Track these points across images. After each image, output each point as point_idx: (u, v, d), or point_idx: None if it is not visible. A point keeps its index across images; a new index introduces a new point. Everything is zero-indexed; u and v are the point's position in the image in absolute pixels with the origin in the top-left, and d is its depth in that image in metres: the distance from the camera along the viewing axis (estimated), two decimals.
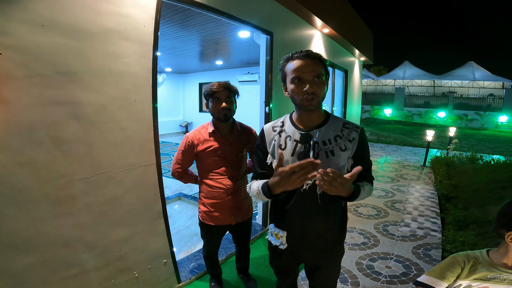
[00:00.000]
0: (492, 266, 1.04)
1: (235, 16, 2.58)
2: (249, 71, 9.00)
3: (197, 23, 4.00)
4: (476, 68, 22.26)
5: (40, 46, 1.35)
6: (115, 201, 1.69)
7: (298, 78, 1.15)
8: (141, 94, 1.78)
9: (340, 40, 5.38)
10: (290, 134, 1.24)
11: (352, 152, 1.20)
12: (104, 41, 1.57)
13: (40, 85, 1.37)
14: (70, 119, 1.48)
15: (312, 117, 1.23)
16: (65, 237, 1.48)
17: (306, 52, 1.17)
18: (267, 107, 3.17)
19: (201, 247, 2.83)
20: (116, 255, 1.71)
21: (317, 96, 1.15)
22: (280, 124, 1.30)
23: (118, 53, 1.64)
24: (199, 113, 11.28)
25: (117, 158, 1.69)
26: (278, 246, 1.31)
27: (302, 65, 1.15)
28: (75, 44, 1.46)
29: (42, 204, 1.40)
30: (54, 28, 1.39)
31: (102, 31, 1.56)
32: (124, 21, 1.65)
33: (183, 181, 1.99)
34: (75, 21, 1.45)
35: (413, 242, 3.17)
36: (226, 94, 1.79)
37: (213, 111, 1.82)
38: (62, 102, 1.45)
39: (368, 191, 1.23)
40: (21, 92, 1.32)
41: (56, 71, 1.41)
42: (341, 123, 1.25)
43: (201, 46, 5.91)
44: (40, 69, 1.36)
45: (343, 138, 1.20)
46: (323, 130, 1.21)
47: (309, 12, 3.62)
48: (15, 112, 1.30)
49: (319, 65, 1.16)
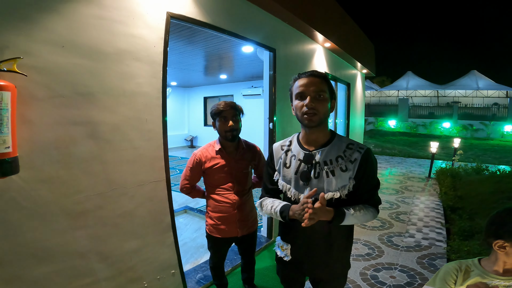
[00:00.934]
0: (484, 274, 1.10)
1: (239, 34, 2.71)
2: (253, 84, 9.16)
3: (202, 39, 4.16)
4: (479, 77, 22.26)
5: (60, 66, 1.46)
6: (128, 214, 1.77)
7: (300, 94, 1.21)
8: (152, 113, 1.89)
9: (342, 54, 5.51)
10: (295, 153, 1.30)
11: (354, 172, 1.21)
12: (118, 61, 1.69)
13: (60, 105, 1.48)
14: (88, 138, 1.59)
15: (316, 136, 1.27)
16: (81, 248, 1.56)
17: (311, 71, 1.23)
18: (271, 123, 3.26)
19: (208, 259, 2.88)
20: (127, 265, 1.78)
21: (318, 112, 1.19)
22: (288, 143, 1.37)
23: (131, 74, 1.75)
24: (204, 127, 11.43)
25: (130, 175, 1.78)
26: (283, 257, 1.37)
27: (305, 82, 1.20)
28: (92, 65, 1.58)
29: (61, 217, 1.49)
30: (73, 49, 1.50)
31: (115, 51, 1.68)
32: (136, 42, 1.77)
33: (191, 196, 2.08)
34: (91, 42, 1.57)
35: (417, 252, 3.18)
36: (232, 113, 1.89)
37: (220, 130, 1.91)
38: (80, 122, 1.56)
39: (364, 215, 1.21)
40: (44, 112, 1.43)
41: (75, 92, 1.53)
42: (345, 143, 1.26)
43: (206, 60, 6.08)
44: (60, 90, 1.47)
45: (344, 159, 1.22)
46: (325, 151, 1.24)
47: (310, 27, 3.76)
48: (38, 132, 1.41)
49: (323, 83, 1.21)
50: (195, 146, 11.84)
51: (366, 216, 1.22)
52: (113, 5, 1.66)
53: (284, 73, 3.48)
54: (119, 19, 1.70)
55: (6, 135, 1.22)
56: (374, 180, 1.25)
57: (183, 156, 9.80)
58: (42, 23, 1.40)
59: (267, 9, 3.08)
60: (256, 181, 2.19)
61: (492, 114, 19.77)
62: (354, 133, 7.49)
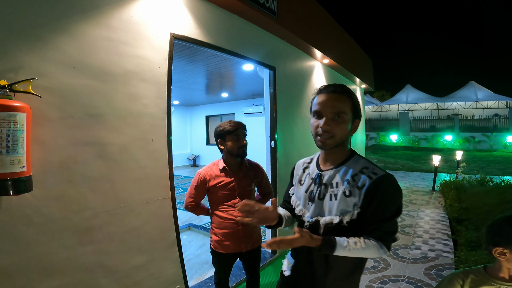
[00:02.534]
0: (491, 281, 1.12)
1: (239, 53, 2.83)
2: (254, 102, 9.29)
3: (204, 58, 4.30)
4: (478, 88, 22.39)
5: (71, 88, 1.55)
6: (134, 231, 1.81)
7: (317, 112, 1.11)
8: (158, 133, 1.97)
9: (340, 70, 5.65)
10: (311, 172, 1.27)
11: (360, 200, 1.07)
12: (125, 82, 1.78)
13: (72, 126, 1.56)
14: (97, 158, 1.66)
15: (334, 157, 1.19)
16: (88, 263, 1.60)
17: (333, 87, 1.12)
18: (272, 141, 3.31)
19: (212, 275, 2.88)
20: (133, 280, 1.80)
21: (333, 135, 1.09)
22: (309, 161, 1.33)
23: (137, 95, 1.85)
24: (207, 146, 11.51)
25: (137, 193, 1.84)
26: (284, 271, 1.36)
27: (324, 99, 1.10)
28: (101, 86, 1.67)
29: (70, 233, 1.54)
30: (83, 70, 1.59)
31: (123, 72, 1.77)
32: (142, 63, 1.87)
33: (196, 213, 2.12)
34: (100, 63, 1.66)
35: (424, 263, 3.16)
36: (243, 133, 2.01)
37: (233, 148, 1.99)
38: (90, 143, 1.63)
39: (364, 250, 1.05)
40: (56, 133, 1.51)
41: (85, 113, 1.61)
42: (360, 166, 1.13)
43: (207, 79, 6.23)
44: (72, 111, 1.56)
45: (351, 183, 1.10)
46: (334, 172, 1.16)
47: (308, 45, 3.89)
48: (50, 152, 1.49)
49: (344, 101, 1.10)
50: (197, 165, 11.88)
51: (366, 251, 1.05)
52: (120, 27, 1.77)
53: (285, 90, 3.58)
54: (126, 41, 1.79)
55: (21, 155, 1.30)
56: (386, 212, 1.07)
57: (186, 175, 9.83)
58: (54, 43, 1.48)
59: (266, 28, 3.22)
60: (260, 198, 2.23)
61: (493, 125, 19.77)
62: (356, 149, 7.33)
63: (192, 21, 2.30)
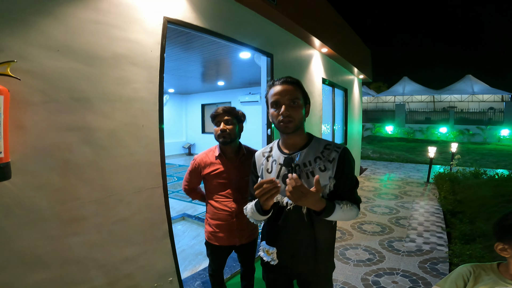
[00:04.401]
0: (500, 279, 1.07)
1: (236, 40, 2.72)
2: (251, 91, 9.17)
3: (199, 45, 4.17)
4: (474, 82, 22.48)
5: (55, 71, 1.44)
6: (124, 222, 1.74)
7: (275, 102, 1.24)
8: (149, 119, 1.87)
9: (339, 59, 5.54)
10: (276, 158, 1.33)
11: (333, 172, 1.23)
12: (114, 66, 1.68)
13: (55, 110, 1.46)
14: (83, 144, 1.56)
15: (295, 140, 1.30)
16: (76, 255, 1.53)
17: (284, 78, 1.26)
18: (269, 129, 3.24)
19: (206, 266, 2.84)
20: (124, 273, 1.74)
21: (293, 119, 1.22)
22: (269, 150, 1.40)
23: (127, 79, 1.74)
24: (202, 134, 11.40)
25: (127, 182, 1.75)
26: (270, 262, 1.36)
27: (279, 90, 1.24)
28: (88, 70, 1.56)
29: (54, 224, 1.45)
30: (68, 53, 1.48)
31: (112, 56, 1.66)
32: (133, 47, 1.76)
33: (191, 197, 2.08)
34: (88, 47, 1.56)
35: (419, 257, 3.15)
36: (224, 117, 1.87)
37: (214, 134, 1.90)
38: (76, 128, 1.53)
39: (349, 212, 1.22)
40: (38, 117, 1.40)
41: (70, 97, 1.51)
42: (323, 144, 1.29)
43: (203, 67, 6.09)
44: (55, 95, 1.45)
45: (322, 159, 1.24)
46: (304, 153, 1.27)
47: (307, 33, 3.77)
48: (32, 137, 1.38)
49: (297, 90, 1.25)
50: (192, 153, 11.79)
51: (351, 212, 1.23)
52: (110, 10, 1.66)
53: None
54: (116, 24, 1.69)
55: None
56: (353, 179, 1.27)
57: (181, 164, 9.74)
58: (38, 27, 1.39)
59: (264, 15, 3.09)
60: None
61: (488, 119, 19.92)
62: (352, 139, 7.49)
63: (187, 4, 2.17)
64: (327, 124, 5.98)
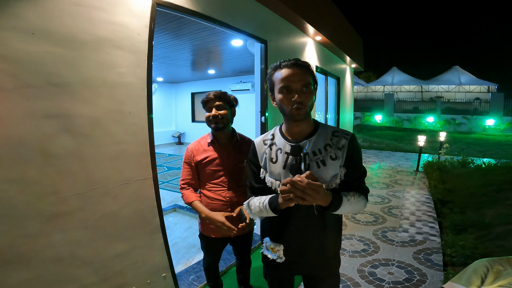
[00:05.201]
0: None
1: (230, 25, 2.57)
2: (242, 80, 9.00)
3: (190, 32, 3.99)
4: (461, 73, 22.84)
5: (30, 55, 1.30)
6: (111, 216, 1.62)
7: (286, 87, 1.13)
8: (136, 105, 1.73)
9: (332, 47, 5.44)
10: (281, 147, 1.22)
11: (343, 160, 1.16)
12: (97, 50, 1.53)
13: (30, 96, 1.31)
14: (62, 133, 1.42)
15: (301, 128, 1.20)
16: (60, 253, 1.41)
17: (294, 60, 1.15)
18: (263, 117, 3.14)
19: (200, 259, 2.76)
20: (113, 270, 1.63)
21: (304, 105, 1.13)
22: (271, 137, 1.28)
23: (111, 63, 1.59)
24: (192, 123, 11.19)
25: (113, 173, 1.63)
26: (275, 259, 1.27)
27: (290, 74, 1.12)
28: (67, 53, 1.42)
29: (35, 221, 1.33)
30: (45, 37, 1.34)
31: (94, 39, 1.52)
32: (117, 30, 1.61)
33: (189, 199, 1.83)
34: (66, 30, 1.41)
35: (413, 247, 3.14)
36: (216, 103, 1.78)
37: (205, 120, 1.81)
38: (54, 115, 1.39)
39: (357, 203, 1.15)
40: (11, 104, 1.26)
41: (47, 82, 1.36)
42: (330, 131, 1.21)
43: (193, 55, 5.90)
44: (30, 80, 1.31)
45: (333, 147, 1.16)
46: (313, 140, 1.18)
47: (302, 19, 3.64)
48: (4, 125, 1.24)
49: (307, 74, 1.14)
50: (182, 142, 11.61)
51: (359, 204, 1.16)
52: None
53: None
54: (99, 6, 1.54)
55: None
56: (361, 168, 1.20)
57: (171, 153, 9.56)
58: (10, 9, 1.24)
59: None
60: None
61: (474, 109, 20.32)
62: (344, 128, 7.45)
63: None
64: (319, 112, 5.91)
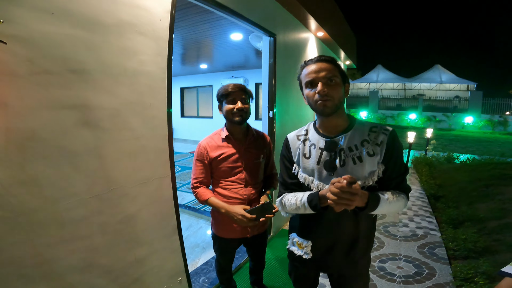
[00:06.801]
0: None
1: (245, 16, 2.46)
2: (233, 75, 8.84)
3: (190, 24, 3.86)
4: (442, 71, 23.64)
5: (48, 38, 1.14)
6: (130, 219, 1.48)
7: (311, 82, 1.13)
8: (156, 97, 1.59)
9: (331, 44, 5.41)
10: (315, 142, 1.20)
11: (382, 156, 1.12)
12: (119, 34, 1.38)
13: (47, 84, 1.15)
14: (81, 127, 1.27)
15: (335, 123, 1.17)
16: (79, 262, 1.27)
17: (318, 56, 1.16)
18: (270, 112, 3.05)
19: (206, 260, 2.67)
20: (132, 278, 1.50)
21: (331, 98, 1.09)
22: (304, 133, 1.27)
23: (133, 50, 1.45)
24: (181, 118, 10.90)
25: (132, 171, 1.49)
26: (302, 255, 1.27)
27: (314, 69, 1.13)
28: (88, 37, 1.26)
29: (51, 228, 1.18)
30: (65, 17, 1.18)
31: (116, 23, 1.36)
32: (140, 14, 1.46)
33: (204, 198, 1.73)
34: (89, 11, 1.26)
35: (416, 241, 3.18)
36: (241, 95, 1.69)
37: (228, 113, 1.70)
38: (73, 106, 1.24)
39: (397, 203, 1.09)
40: (24, 93, 1.10)
41: (66, 68, 1.20)
42: (368, 126, 1.17)
43: (186, 49, 5.72)
44: (47, 65, 1.15)
45: (370, 143, 1.12)
46: (348, 136, 1.14)
47: (307, 14, 3.56)
48: (16, 117, 1.08)
49: (332, 67, 1.13)
50: None
51: (399, 204, 1.11)
52: None
53: (283, 61, 3.29)
54: None
55: None
56: (402, 165, 1.15)
57: None
58: None
59: None
60: None
61: (453, 106, 21.12)
62: None
63: None
64: (344, 103, 5.90)
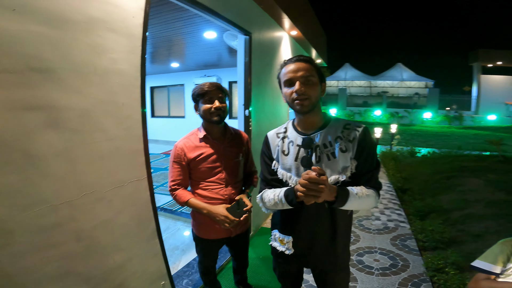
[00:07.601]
0: None
1: (221, 14, 2.42)
2: (206, 73, 8.71)
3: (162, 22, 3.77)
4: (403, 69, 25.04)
5: (9, 35, 1.04)
6: (106, 224, 1.40)
7: (289, 80, 1.17)
8: (130, 96, 1.52)
9: (304, 43, 5.49)
10: (293, 139, 1.26)
11: (354, 152, 1.17)
12: (88, 31, 1.29)
13: (8, 84, 1.05)
14: (47, 128, 1.17)
15: (312, 120, 1.23)
16: (55, 271, 1.18)
17: (297, 56, 1.20)
18: (246, 110, 3.04)
19: (187, 262, 2.62)
20: (114, 284, 1.42)
21: (308, 96, 1.14)
22: (283, 130, 1.32)
23: (103, 47, 1.36)
24: (152, 118, 10.54)
25: (106, 175, 1.40)
26: (284, 251, 1.30)
27: (293, 68, 1.16)
28: (54, 34, 1.17)
29: (21, 236, 1.08)
30: (28, 14, 1.08)
31: (86, 20, 1.28)
32: (111, 10, 1.38)
33: (183, 199, 1.70)
34: (54, 7, 1.16)
35: (388, 234, 3.33)
36: (218, 94, 1.67)
37: (205, 113, 1.67)
38: (37, 107, 1.14)
39: (366, 199, 1.12)
40: None
41: (29, 67, 1.11)
42: (342, 124, 1.23)
43: (156, 47, 5.54)
44: (8, 64, 1.05)
45: (343, 139, 1.18)
46: (323, 133, 1.21)
47: (281, 12, 3.59)
48: None
49: (310, 66, 1.17)
50: None
51: (369, 199, 1.14)
52: None
53: (258, 59, 3.30)
54: None
55: None
56: (373, 161, 1.20)
57: None
58: None
59: None
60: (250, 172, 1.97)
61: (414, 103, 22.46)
62: None
63: None
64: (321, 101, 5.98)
